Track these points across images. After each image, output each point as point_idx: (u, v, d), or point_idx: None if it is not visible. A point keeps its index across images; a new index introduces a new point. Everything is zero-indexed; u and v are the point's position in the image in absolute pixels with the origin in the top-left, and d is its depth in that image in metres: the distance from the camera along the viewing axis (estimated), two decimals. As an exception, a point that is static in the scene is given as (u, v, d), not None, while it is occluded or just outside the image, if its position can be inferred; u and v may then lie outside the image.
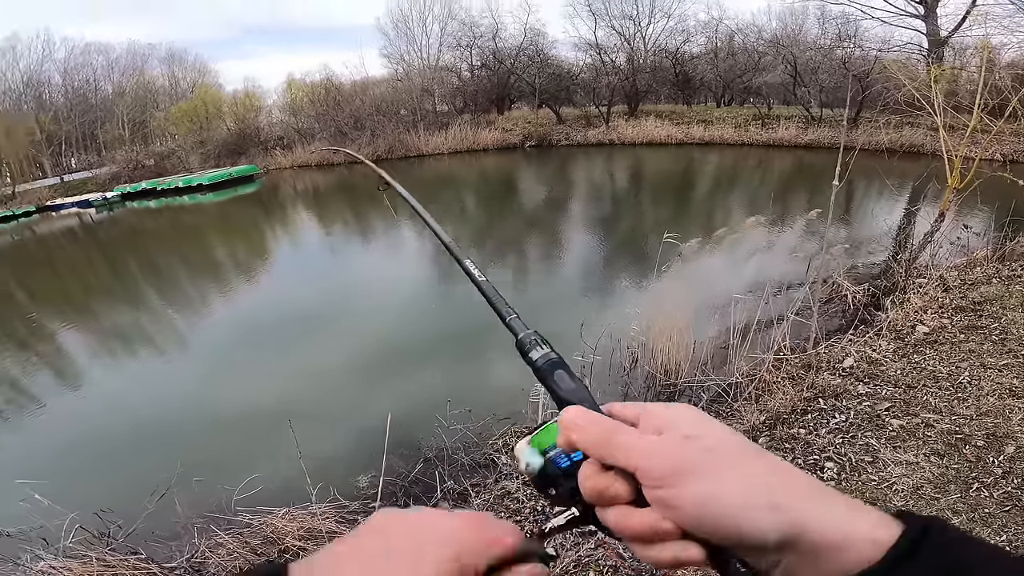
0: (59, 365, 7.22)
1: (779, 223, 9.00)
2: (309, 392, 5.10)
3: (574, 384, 0.43)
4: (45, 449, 4.73)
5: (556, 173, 19.27)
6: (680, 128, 22.10)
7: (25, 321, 9.65)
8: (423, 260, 10.33)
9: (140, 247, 15.74)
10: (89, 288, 11.82)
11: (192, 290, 10.37)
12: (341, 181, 22.70)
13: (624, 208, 13.27)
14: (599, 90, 24.73)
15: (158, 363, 6.83)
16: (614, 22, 26.46)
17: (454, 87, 28.50)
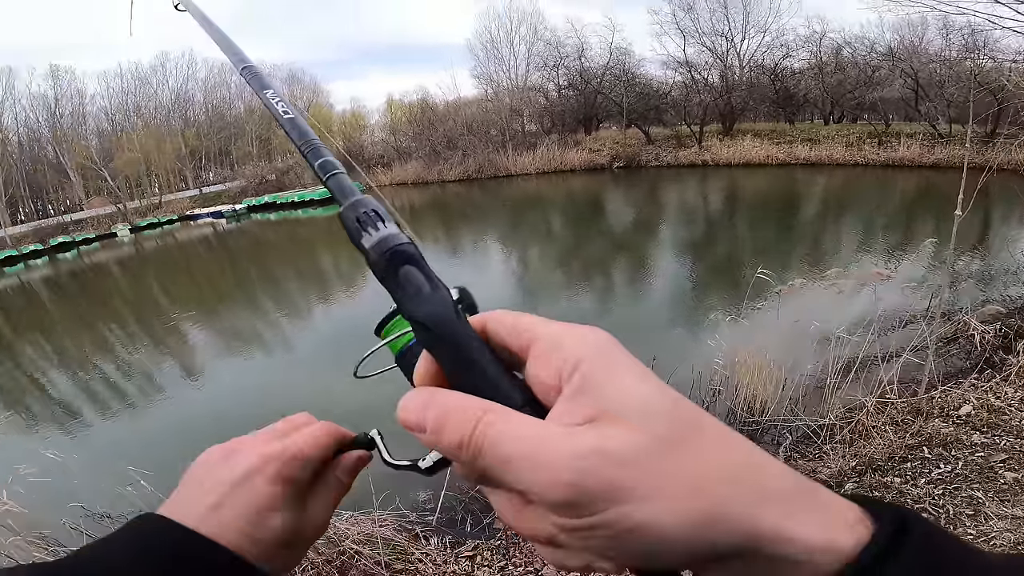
0: (185, 360, 8.29)
1: (898, 251, 8.18)
2: (386, 403, 5.42)
3: (429, 289, 0.28)
4: (159, 437, 5.35)
5: (645, 195, 18.88)
6: (781, 148, 20.74)
7: (162, 319, 11.22)
8: (510, 277, 10.65)
9: (260, 256, 17.71)
10: (217, 291, 13.51)
11: (300, 298, 11.46)
12: (434, 199, 23.98)
13: (717, 233, 12.67)
14: (691, 109, 23.99)
15: (265, 363, 7.65)
16: (704, 39, 25.65)
17: (542, 107, 29.04)
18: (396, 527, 3.04)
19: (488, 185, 24.29)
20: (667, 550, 0.22)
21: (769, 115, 26.89)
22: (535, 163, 24.81)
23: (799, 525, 0.22)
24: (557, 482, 0.22)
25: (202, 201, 31.16)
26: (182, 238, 24.62)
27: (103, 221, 27.52)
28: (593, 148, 25.26)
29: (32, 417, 6.82)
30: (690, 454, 0.22)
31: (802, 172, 18.81)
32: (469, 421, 0.23)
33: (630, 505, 0.21)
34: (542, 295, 9.17)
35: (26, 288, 18.71)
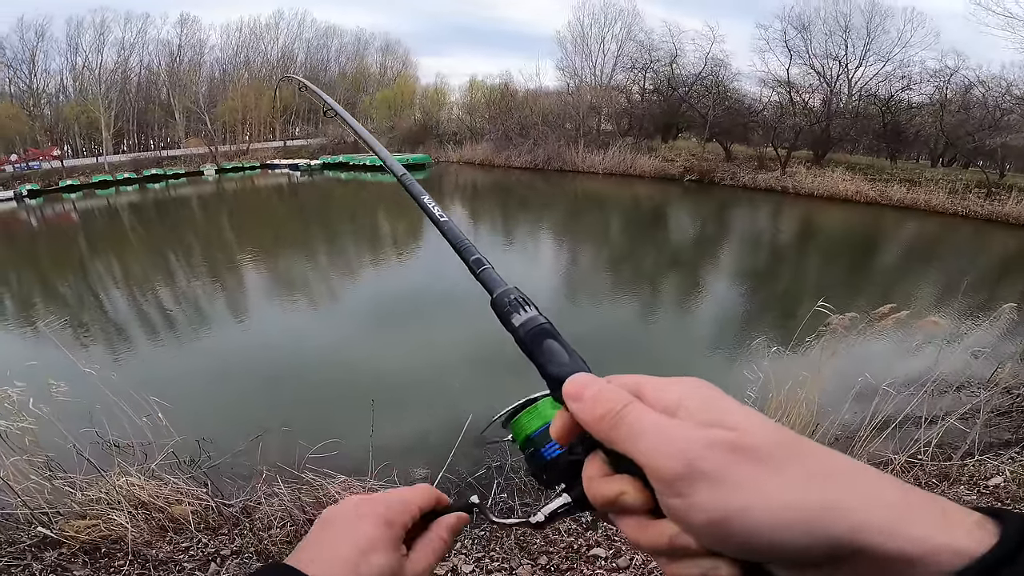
0: (237, 298, 8.75)
1: (976, 313, 7.36)
2: (411, 372, 5.41)
3: (568, 358, 0.34)
4: (192, 371, 5.58)
5: (713, 213, 18.00)
6: (875, 185, 19.09)
7: (226, 255, 11.94)
8: (559, 272, 10.54)
9: (325, 210, 18.51)
10: (279, 236, 14.22)
11: (353, 255, 11.88)
12: (498, 182, 24.08)
13: (782, 264, 11.91)
14: (781, 131, 22.59)
15: (309, 314, 7.97)
16: (815, 61, 23.98)
17: (621, 108, 28.36)
18: None
19: (553, 177, 24.07)
20: (774, 541, 0.24)
21: (869, 149, 24.89)
22: (604, 163, 24.32)
23: (913, 525, 0.23)
24: (675, 455, 0.25)
25: (284, 153, 32.93)
26: (259, 184, 26.14)
27: (194, 160, 29.71)
28: (667, 157, 24.40)
29: (84, 331, 7.36)
30: (795, 459, 0.25)
31: (892, 214, 17.23)
32: (618, 401, 0.29)
33: (729, 490, 0.24)
34: (585, 295, 9.00)
35: (112, 209, 20.48)
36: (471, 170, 27.03)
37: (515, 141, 26.97)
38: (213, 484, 2.73)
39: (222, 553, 2.16)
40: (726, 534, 0.25)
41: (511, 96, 30.87)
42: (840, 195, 19.02)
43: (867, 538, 0.23)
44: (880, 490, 0.25)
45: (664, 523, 0.27)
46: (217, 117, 33.29)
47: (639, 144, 25.43)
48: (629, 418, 0.27)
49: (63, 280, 10.47)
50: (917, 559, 0.23)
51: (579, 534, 2.78)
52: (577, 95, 28.67)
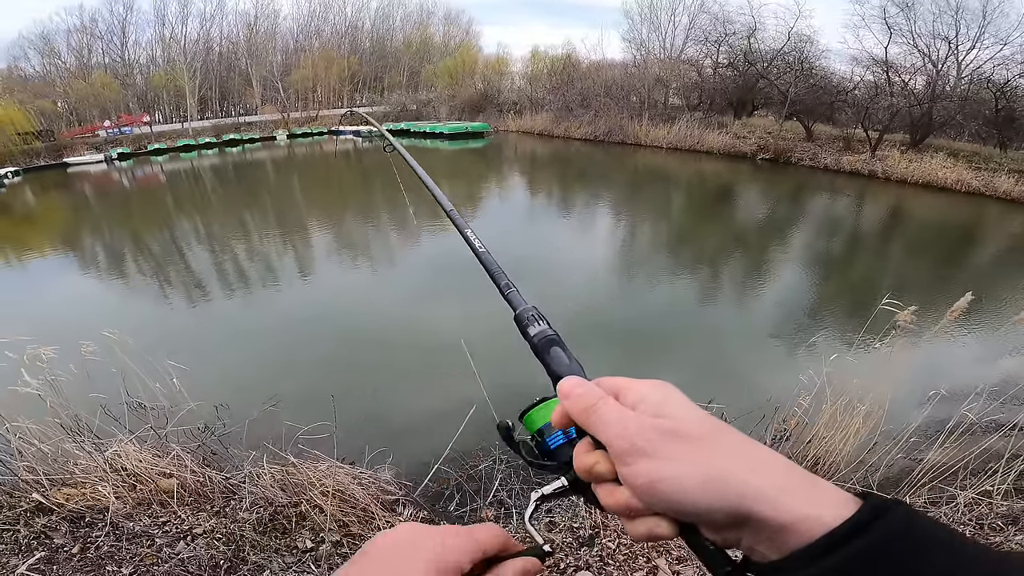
0: (293, 259, 9.05)
1: None
2: (436, 352, 5.27)
3: (568, 362, 0.44)
4: (219, 334, 5.68)
5: (787, 195, 16.57)
6: (979, 175, 16.79)
7: (294, 213, 12.43)
8: (614, 246, 10.26)
9: (386, 174, 18.79)
10: (343, 200, 14.66)
11: (409, 219, 12.01)
12: (556, 153, 23.49)
13: (859, 254, 10.76)
14: (874, 112, 20.29)
15: (366, 276, 8.12)
16: (919, 40, 21.17)
17: (691, 82, 26.49)
18: (376, 488, 2.87)
19: (613, 150, 23.12)
20: (683, 500, 0.32)
21: (976, 135, 21.94)
22: (669, 137, 22.95)
23: (788, 497, 0.30)
24: (624, 437, 0.35)
25: (350, 120, 33.74)
26: (327, 149, 27.12)
27: (268, 126, 31.23)
28: (739, 134, 22.62)
29: (140, 282, 7.85)
30: (710, 441, 0.34)
31: (996, 207, 15.11)
32: (594, 398, 0.38)
33: (660, 461, 0.33)
34: (640, 273, 8.65)
35: (195, 171, 21.91)
36: (530, 140, 26.53)
37: (575, 112, 26.08)
38: (218, 456, 2.77)
39: (194, 531, 2.17)
40: (656, 494, 0.33)
41: (574, 66, 29.80)
42: (937, 183, 16.88)
43: (751, 504, 0.30)
44: (767, 467, 0.32)
45: (622, 489, 0.35)
46: (289, 85, 34.60)
47: (708, 119, 23.75)
48: (600, 411, 0.37)
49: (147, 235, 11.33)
50: (789, 526, 0.29)
51: (571, 551, 2.59)
52: (644, 67, 27.12)
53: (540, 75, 31.99)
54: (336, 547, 2.54)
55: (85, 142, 25.78)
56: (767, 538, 0.31)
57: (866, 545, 0.28)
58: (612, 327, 6.15)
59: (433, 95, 35.99)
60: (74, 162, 23.23)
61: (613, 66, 29.23)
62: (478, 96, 32.82)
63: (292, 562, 2.42)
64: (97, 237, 11.67)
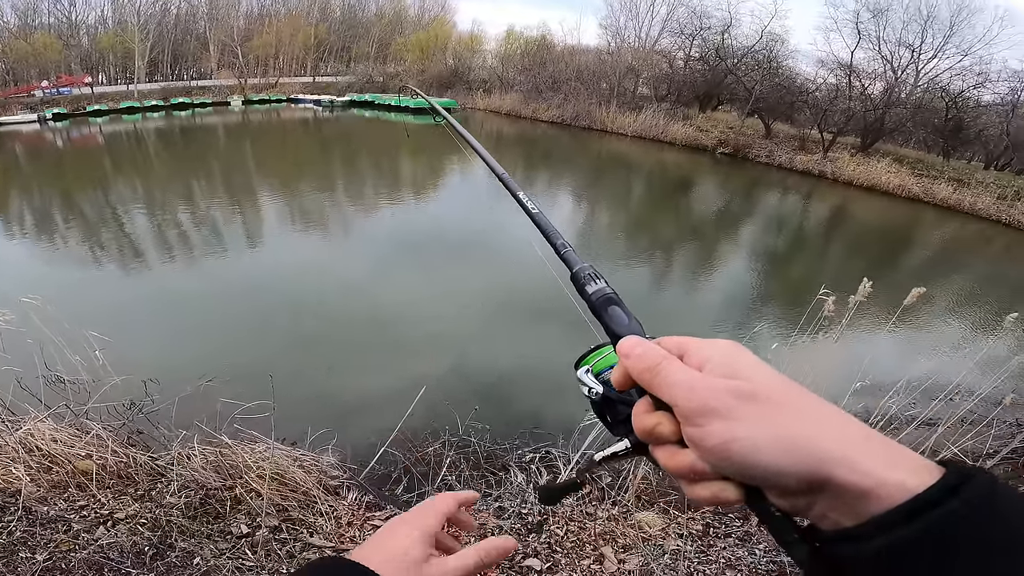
0: (240, 228, 8.61)
1: (993, 323, 6.96)
2: (388, 329, 5.19)
3: (627, 319, 0.43)
4: (154, 304, 5.28)
5: (742, 189, 17.14)
6: (920, 181, 17.85)
7: (245, 179, 11.83)
8: (573, 230, 10.25)
9: (346, 146, 18.21)
10: (299, 167, 14.03)
11: (370, 192, 11.67)
12: (523, 133, 23.33)
13: (803, 253, 11.32)
14: (832, 114, 21.15)
15: (317, 244, 7.83)
16: (884, 46, 22.10)
17: (662, 73, 26.78)
18: (318, 471, 2.78)
19: (579, 134, 23.19)
20: (758, 461, 0.31)
21: (923, 143, 23.27)
22: (634, 126, 23.19)
23: (869, 460, 0.29)
24: (695, 398, 0.33)
25: (312, 88, 32.29)
26: (284, 117, 25.87)
27: (223, 91, 29.43)
28: (703, 127, 23.13)
29: (67, 247, 7.29)
30: (787, 402, 0.32)
31: (932, 213, 16.15)
32: (656, 358, 0.36)
33: (732, 421, 0.31)
34: (599, 256, 8.73)
35: (137, 133, 20.48)
36: (497, 119, 26.25)
37: (545, 95, 25.92)
38: (145, 435, 2.62)
39: (116, 516, 2.05)
40: (729, 456, 0.31)
41: (548, 49, 29.52)
42: (881, 187, 17.85)
43: (831, 468, 0.29)
44: (847, 430, 0.31)
45: (687, 452, 0.34)
46: (249, 51, 32.69)
47: (674, 111, 24.14)
48: (664, 371, 0.35)
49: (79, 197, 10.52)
50: (870, 491, 0.28)
51: (519, 537, 2.60)
52: (617, 55, 27.14)
53: (513, 55, 31.52)
54: (274, 532, 2.46)
55: (20, 102, 23.83)
56: (843, 504, 0.29)
57: (949, 512, 0.27)
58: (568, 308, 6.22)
59: (402, 68, 34.88)
60: (3, 121, 21.41)
61: (587, 51, 29.12)
62: (448, 72, 32.07)
63: (226, 548, 2.33)
64: (23, 197, 10.75)
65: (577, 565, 2.45)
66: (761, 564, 2.58)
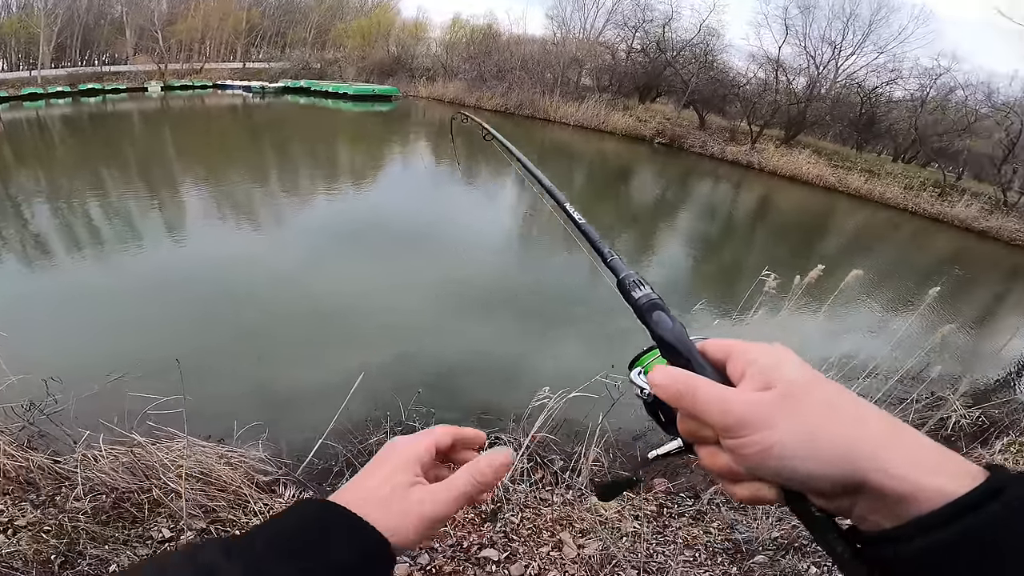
0: (158, 218, 8.02)
1: (899, 307, 7.67)
2: (315, 322, 5.03)
3: (671, 324, 0.44)
4: (57, 298, 4.91)
5: (677, 177, 17.90)
6: (836, 172, 19.28)
7: (164, 170, 11.02)
8: (516, 218, 10.40)
9: (279, 134, 17.33)
10: (227, 156, 13.21)
11: (306, 182, 11.18)
12: (466, 124, 23.09)
13: (733, 237, 12.00)
14: (760, 107, 22.38)
15: (249, 236, 7.43)
16: (809, 43, 23.49)
17: (604, 64, 27.28)
18: (248, 467, 2.66)
19: (523, 123, 23.30)
20: (794, 468, 0.32)
21: (839, 136, 25.07)
22: (576, 115, 23.58)
23: (908, 465, 0.29)
24: (729, 413, 0.34)
25: (242, 74, 30.43)
26: (209, 104, 24.25)
27: (140, 77, 27.10)
28: (641, 118, 23.81)
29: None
30: (813, 404, 0.33)
31: (845, 202, 17.53)
32: (687, 380, 0.37)
33: (767, 430, 0.32)
34: (538, 245, 8.90)
35: (41, 122, 18.56)
36: (440, 107, 25.85)
37: (490, 83, 25.80)
38: (47, 437, 2.42)
39: (16, 523, 1.90)
40: (765, 464, 0.32)
41: (493, 38, 29.31)
42: (802, 176, 19.15)
43: (865, 473, 0.30)
44: (886, 433, 0.31)
45: (725, 454, 0.35)
46: (172, 35, 30.24)
47: (615, 102, 24.74)
48: (691, 396, 0.36)
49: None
50: (908, 496, 0.29)
51: (474, 527, 2.57)
52: (562, 46, 27.36)
53: (459, 43, 31.07)
54: (201, 535, 2.36)
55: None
56: (883, 506, 0.30)
57: (988, 515, 0.26)
58: (514, 296, 6.28)
59: (341, 55, 33.53)
60: None
61: (533, 41, 29.09)
62: (390, 59, 31.18)
63: (146, 554, 2.21)
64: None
65: (536, 553, 2.44)
66: (717, 542, 2.64)
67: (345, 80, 28.51)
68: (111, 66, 29.56)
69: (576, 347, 5.21)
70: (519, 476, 2.97)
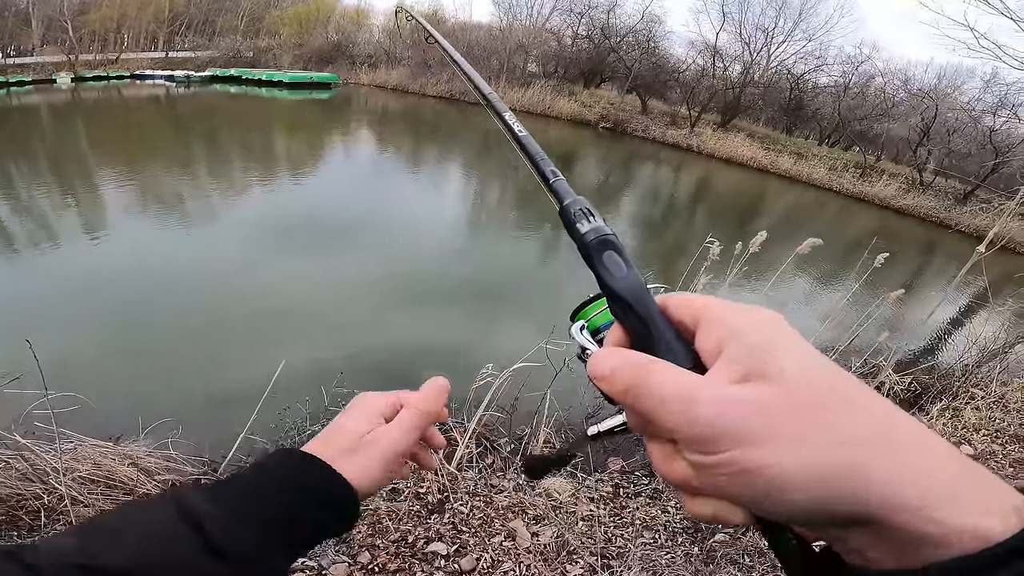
0: (86, 212, 7.37)
1: (829, 282, 8.15)
2: (245, 313, 4.82)
3: (625, 270, 0.34)
4: None
5: (621, 160, 18.28)
6: (768, 154, 20.27)
7: (79, 165, 10.11)
8: (464, 206, 10.34)
9: (208, 125, 16.29)
10: (149, 148, 12.27)
11: (239, 174, 10.57)
12: (410, 108, 22.65)
13: (674, 217, 12.44)
14: (698, 92, 23.13)
15: (180, 233, 6.94)
16: (744, 30, 24.47)
17: (550, 51, 27.40)
18: (160, 467, 2.49)
19: (468, 109, 23.02)
20: (783, 497, 0.23)
21: (770, 121, 26.33)
22: (522, 101, 23.57)
23: (943, 506, 0.22)
24: (697, 420, 0.24)
25: (165, 64, 28.37)
26: (128, 95, 22.45)
27: (48, 68, 24.67)
28: (586, 103, 24.17)
29: None
30: (822, 413, 0.23)
31: (776, 183, 18.48)
32: (637, 369, 0.27)
33: (753, 447, 0.23)
34: (488, 231, 8.89)
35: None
36: (382, 94, 25.18)
37: (434, 70, 25.31)
38: None
39: None
40: (748, 487, 0.24)
41: (438, 24, 28.71)
42: (737, 159, 20.02)
43: (889, 514, 0.22)
44: (917, 459, 0.23)
45: (686, 463, 0.26)
46: (83, 25, 27.67)
47: (560, 87, 24.94)
48: (647, 389, 0.26)
49: None
50: (939, 539, 0.22)
51: (419, 520, 2.43)
52: (508, 32, 27.20)
53: (402, 29, 30.20)
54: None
55: None
56: (889, 544, 0.23)
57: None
58: (460, 283, 6.22)
59: (276, 43, 31.89)
60: None
61: (479, 28, 28.78)
62: (329, 47, 29.97)
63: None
64: None
65: (487, 544, 2.31)
66: (676, 521, 2.58)
67: (280, 68, 27.18)
68: (15, 58, 26.85)
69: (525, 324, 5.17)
70: (466, 462, 2.87)
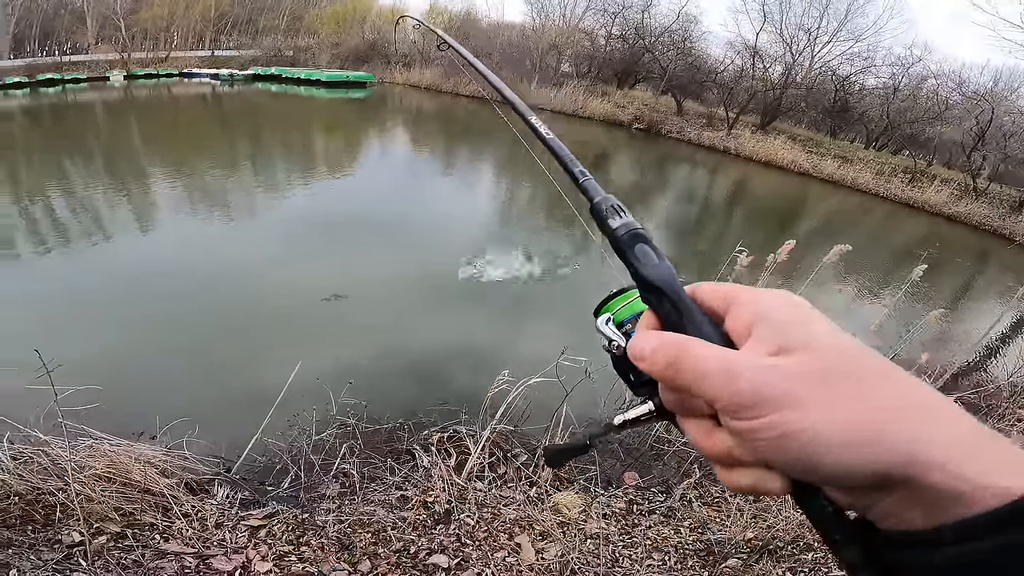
0: (137, 210, 7.67)
1: (872, 291, 7.74)
2: (275, 317, 4.84)
3: (657, 261, 0.36)
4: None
5: (654, 162, 17.88)
6: (810, 158, 19.47)
7: (131, 163, 10.61)
8: (494, 205, 10.45)
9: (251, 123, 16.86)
10: (197, 147, 12.78)
11: (280, 172, 10.89)
12: (443, 108, 22.83)
13: (710, 221, 12.08)
14: (737, 93, 22.46)
15: (221, 228, 7.19)
16: (786, 30, 23.62)
17: (584, 51, 27.13)
18: (174, 466, 2.50)
19: (500, 109, 23.06)
20: (822, 460, 0.25)
21: (813, 123, 25.36)
22: (554, 102, 23.42)
23: (971, 463, 0.23)
24: (739, 389, 0.26)
25: (210, 63, 29.50)
26: (176, 93, 23.48)
27: (102, 66, 26.00)
28: (619, 103, 23.80)
29: None
30: (856, 381, 0.26)
31: (818, 187, 17.71)
32: (677, 347, 0.29)
33: (792, 411, 0.25)
34: (517, 230, 8.87)
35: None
36: (416, 94, 25.47)
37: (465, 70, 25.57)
38: None
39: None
40: (785, 451, 0.25)
41: (472, 24, 28.90)
42: (777, 162, 19.31)
43: (922, 471, 0.24)
44: (945, 424, 0.25)
45: (724, 433, 0.28)
46: (135, 23, 29.11)
47: (594, 87, 24.64)
48: (688, 364, 0.28)
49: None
50: (967, 495, 0.23)
51: (424, 530, 2.38)
52: (541, 32, 27.09)
53: (405, 38, 30.70)
54: (117, 540, 2.21)
55: None
56: (919, 504, 0.24)
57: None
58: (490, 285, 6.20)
59: (314, 42, 32.75)
60: None
61: (511, 27, 28.84)
62: (365, 46, 30.59)
63: (53, 558, 2.07)
64: None
65: (490, 559, 2.26)
66: (688, 543, 2.49)
67: (318, 67, 27.88)
68: (71, 56, 28.43)
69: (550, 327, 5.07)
70: (477, 472, 2.80)
